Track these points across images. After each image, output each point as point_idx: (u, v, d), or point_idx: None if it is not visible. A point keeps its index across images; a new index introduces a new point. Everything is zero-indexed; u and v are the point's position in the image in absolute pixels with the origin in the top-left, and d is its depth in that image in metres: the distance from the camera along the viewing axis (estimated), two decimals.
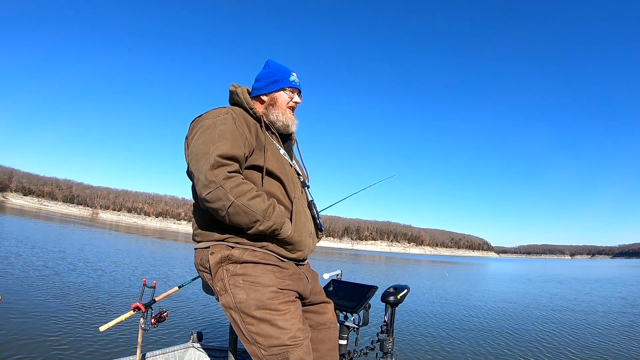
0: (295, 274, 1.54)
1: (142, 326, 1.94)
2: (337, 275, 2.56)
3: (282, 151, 1.65)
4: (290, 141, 1.78)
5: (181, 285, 2.36)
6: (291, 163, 1.68)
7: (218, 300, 1.48)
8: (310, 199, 1.72)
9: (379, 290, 2.20)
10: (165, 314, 2.03)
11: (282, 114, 1.66)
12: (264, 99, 1.68)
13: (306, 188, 1.74)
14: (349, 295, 2.17)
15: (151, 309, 1.99)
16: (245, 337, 1.42)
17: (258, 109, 1.65)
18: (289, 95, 1.69)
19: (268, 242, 1.48)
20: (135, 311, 1.95)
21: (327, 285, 2.29)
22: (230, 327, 1.75)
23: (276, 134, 1.65)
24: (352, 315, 2.11)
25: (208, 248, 1.49)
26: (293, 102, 1.70)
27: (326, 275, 2.47)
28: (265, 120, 1.62)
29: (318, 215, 1.70)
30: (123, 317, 1.96)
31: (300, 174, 1.73)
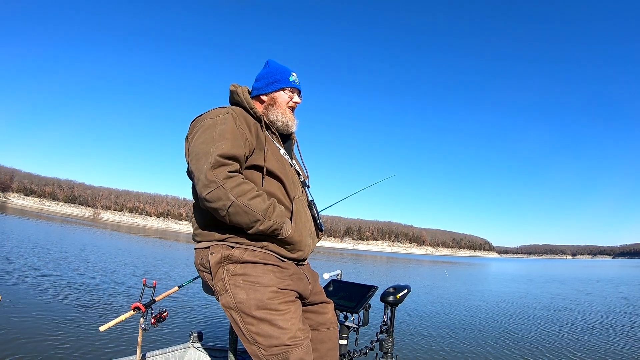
0: (296, 274, 1.54)
1: (142, 326, 1.94)
2: (337, 275, 2.56)
3: (283, 151, 1.65)
4: (291, 141, 1.78)
5: (181, 285, 2.36)
6: (291, 163, 1.68)
7: (218, 300, 1.48)
8: (310, 198, 1.72)
9: (380, 290, 2.19)
10: (165, 314, 2.03)
11: (282, 113, 1.65)
12: (263, 98, 1.68)
13: (306, 188, 1.73)
14: (349, 295, 2.17)
15: (151, 309, 1.99)
16: (246, 337, 1.42)
17: (258, 109, 1.64)
18: (288, 95, 1.68)
19: (268, 242, 1.48)
20: (135, 311, 1.95)
21: (327, 285, 2.29)
22: (230, 327, 1.75)
23: (276, 134, 1.65)
24: (352, 315, 2.10)
25: (208, 248, 1.49)
26: (293, 102, 1.70)
27: (326, 275, 2.47)
28: (266, 120, 1.62)
29: (318, 215, 1.70)
30: (123, 317, 1.97)
31: (301, 173, 1.72)
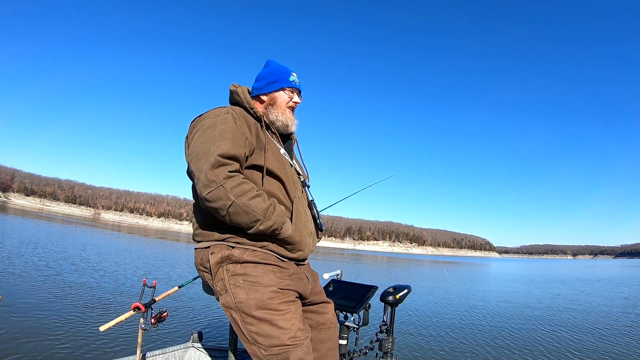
0: (296, 273, 1.54)
1: (142, 326, 1.94)
2: (337, 275, 2.56)
3: (283, 151, 1.65)
4: (291, 141, 1.77)
5: (181, 285, 2.37)
6: (291, 163, 1.68)
7: (218, 300, 1.48)
8: (310, 198, 1.72)
9: (380, 290, 2.19)
10: (165, 314, 2.03)
11: (282, 113, 1.65)
12: (263, 98, 1.68)
13: (306, 188, 1.73)
14: (349, 295, 2.17)
15: (151, 309, 1.99)
16: (246, 337, 1.42)
17: (258, 109, 1.64)
18: (288, 95, 1.68)
19: (268, 242, 1.47)
20: (135, 311, 1.95)
21: (327, 285, 2.29)
22: (230, 327, 1.75)
23: (276, 134, 1.65)
24: (352, 315, 2.10)
25: (208, 248, 1.49)
26: (292, 102, 1.69)
27: (326, 275, 2.47)
28: (266, 120, 1.62)
29: (318, 215, 1.70)
30: (123, 317, 1.97)
31: (301, 173, 1.72)
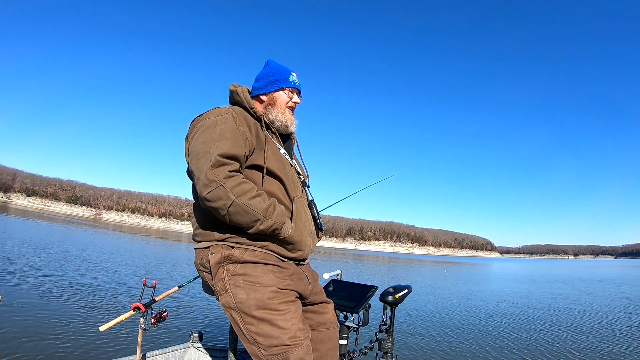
0: (296, 273, 1.54)
1: (142, 326, 1.94)
2: (337, 275, 2.55)
3: (282, 151, 1.65)
4: (290, 141, 1.78)
5: (181, 285, 2.37)
6: (291, 163, 1.68)
7: (218, 300, 1.48)
8: (310, 198, 1.72)
9: (380, 290, 2.19)
10: (165, 314, 2.03)
11: (281, 113, 1.65)
12: (263, 98, 1.68)
13: (306, 187, 1.73)
14: (349, 295, 2.17)
15: (151, 308, 1.99)
16: (246, 337, 1.42)
17: (258, 109, 1.64)
18: (288, 95, 1.68)
19: (268, 242, 1.47)
20: (135, 311, 1.95)
21: (327, 285, 2.29)
22: (230, 327, 1.75)
23: (276, 134, 1.65)
24: (352, 315, 2.10)
25: (208, 248, 1.49)
26: (292, 102, 1.69)
27: (326, 275, 2.46)
28: (266, 120, 1.62)
29: (318, 215, 1.69)
30: (123, 317, 1.97)
31: (301, 173, 1.72)
